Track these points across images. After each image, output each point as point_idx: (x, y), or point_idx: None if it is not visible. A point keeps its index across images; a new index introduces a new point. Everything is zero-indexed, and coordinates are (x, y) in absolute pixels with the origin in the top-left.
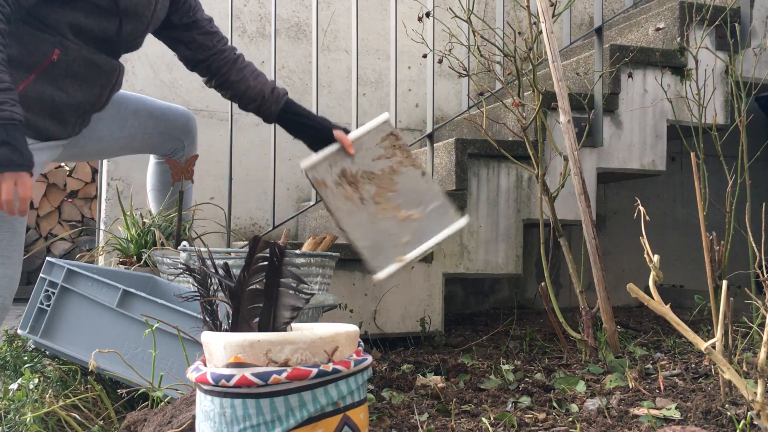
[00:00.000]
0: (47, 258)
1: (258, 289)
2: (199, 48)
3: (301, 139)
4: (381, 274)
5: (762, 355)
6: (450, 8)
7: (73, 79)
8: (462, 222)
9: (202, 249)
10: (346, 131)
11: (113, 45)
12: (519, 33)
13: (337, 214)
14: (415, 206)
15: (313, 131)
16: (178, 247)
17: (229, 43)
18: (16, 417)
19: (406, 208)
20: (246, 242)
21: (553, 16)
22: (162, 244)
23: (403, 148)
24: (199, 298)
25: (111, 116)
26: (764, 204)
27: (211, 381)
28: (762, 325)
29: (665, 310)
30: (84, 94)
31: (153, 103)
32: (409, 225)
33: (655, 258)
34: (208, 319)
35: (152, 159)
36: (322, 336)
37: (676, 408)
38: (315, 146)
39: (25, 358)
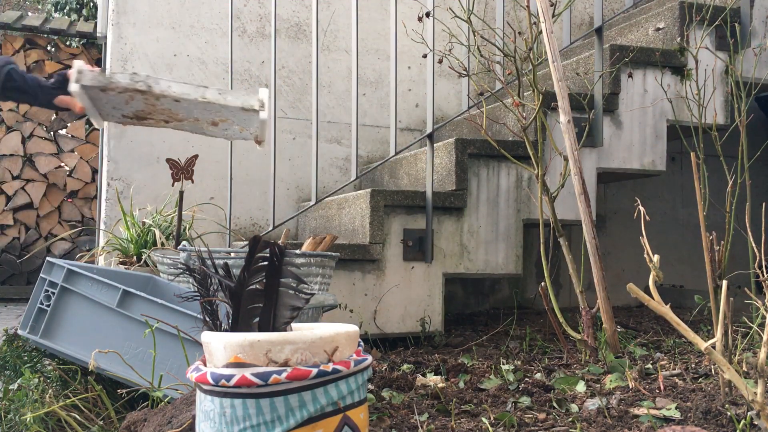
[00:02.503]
0: (47, 258)
1: (258, 289)
2: None
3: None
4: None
5: (762, 355)
6: (450, 8)
7: None
8: (263, 93)
9: (202, 249)
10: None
11: None
12: (519, 33)
13: (174, 128)
14: (215, 114)
15: (38, 104)
16: (178, 247)
17: (230, 43)
18: (16, 417)
19: (206, 120)
20: (246, 242)
21: (553, 16)
22: (162, 244)
23: (127, 90)
24: (199, 298)
25: None
26: (764, 204)
27: (211, 381)
28: (762, 325)
29: (665, 310)
30: None
31: None
32: (224, 124)
33: (655, 258)
34: (208, 319)
35: None
36: (322, 336)
37: (676, 408)
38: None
39: (25, 358)
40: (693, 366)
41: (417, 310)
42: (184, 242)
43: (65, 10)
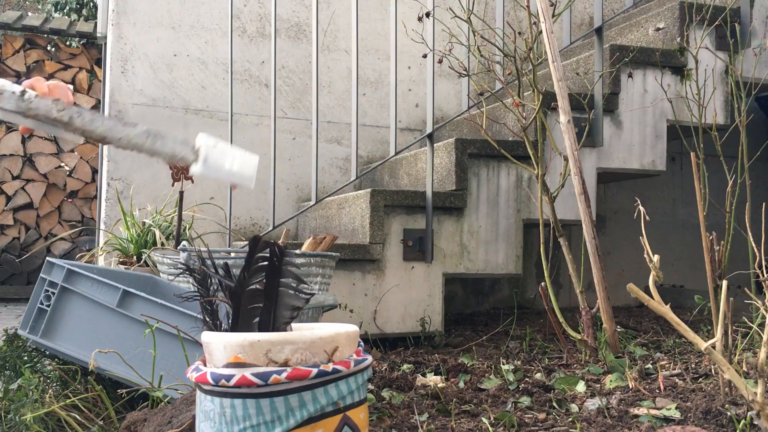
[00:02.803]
0: (47, 258)
1: (258, 289)
2: None
3: None
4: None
5: (762, 355)
6: (450, 8)
7: None
8: (201, 140)
9: (202, 249)
10: None
11: None
12: (519, 33)
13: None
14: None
15: None
16: (178, 247)
17: (230, 43)
18: (16, 417)
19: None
20: (246, 242)
21: (553, 16)
22: (162, 244)
23: (48, 119)
24: (199, 298)
25: None
26: (764, 204)
27: (211, 381)
28: (762, 325)
29: (665, 310)
30: None
31: None
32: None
33: (655, 258)
34: (208, 319)
35: None
36: (322, 336)
37: (676, 408)
38: None
39: (25, 358)
40: (693, 366)
41: (417, 310)
42: (184, 242)
43: (65, 10)
